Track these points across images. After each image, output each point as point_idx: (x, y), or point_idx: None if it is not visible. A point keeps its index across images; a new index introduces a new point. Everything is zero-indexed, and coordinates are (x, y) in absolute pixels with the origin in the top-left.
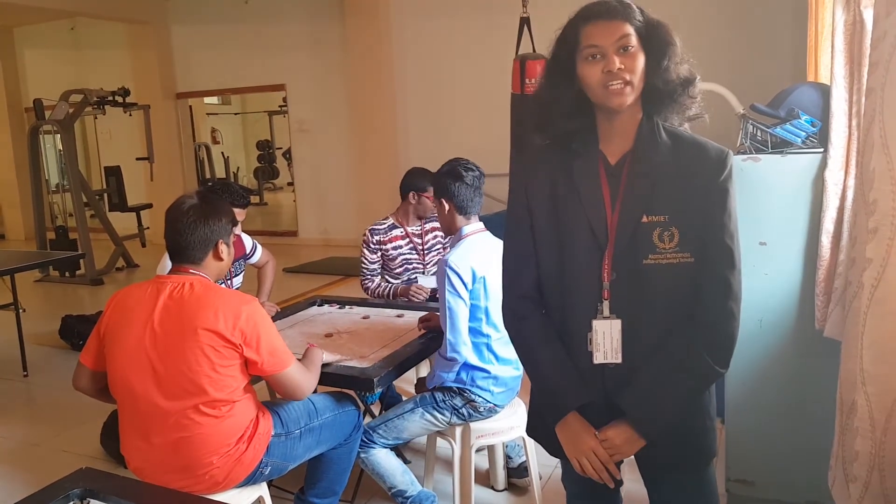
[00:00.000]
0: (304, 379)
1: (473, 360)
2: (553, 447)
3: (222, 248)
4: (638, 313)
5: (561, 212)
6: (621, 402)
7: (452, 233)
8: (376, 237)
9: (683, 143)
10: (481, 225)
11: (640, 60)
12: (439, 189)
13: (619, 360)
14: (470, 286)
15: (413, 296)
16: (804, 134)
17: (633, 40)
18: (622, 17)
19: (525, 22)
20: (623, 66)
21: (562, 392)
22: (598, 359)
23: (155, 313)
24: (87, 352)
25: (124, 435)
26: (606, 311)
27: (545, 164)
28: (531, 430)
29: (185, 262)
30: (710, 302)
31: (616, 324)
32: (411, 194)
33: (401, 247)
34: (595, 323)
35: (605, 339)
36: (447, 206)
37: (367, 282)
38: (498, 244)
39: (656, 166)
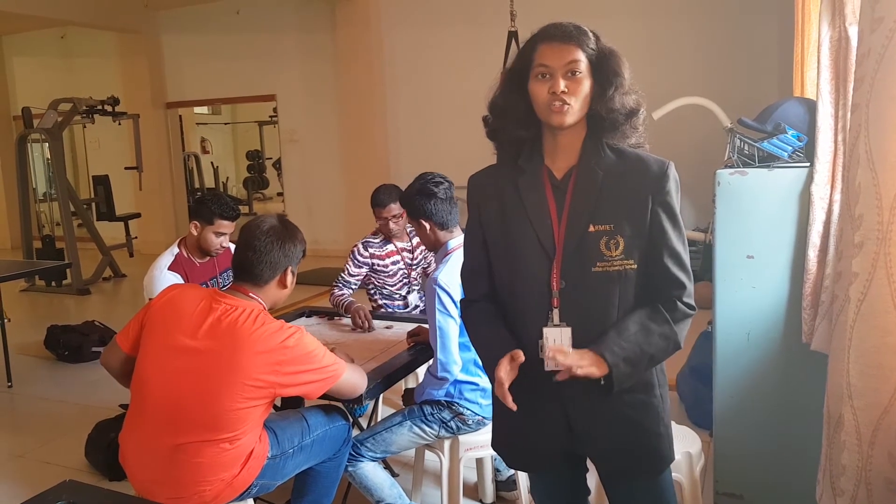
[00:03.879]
0: (354, 379)
1: (460, 374)
2: (512, 458)
3: (289, 276)
4: (587, 320)
5: (509, 225)
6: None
7: (437, 249)
8: (371, 250)
9: (626, 158)
10: None
11: (586, 86)
12: (415, 211)
13: None
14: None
15: (354, 315)
16: (791, 148)
17: (582, 66)
18: (575, 43)
19: (513, 36)
20: (567, 90)
21: (494, 350)
22: (550, 366)
23: (200, 331)
24: (126, 335)
25: (128, 426)
26: (556, 319)
27: (494, 181)
28: (495, 442)
29: (248, 280)
30: (666, 294)
31: (566, 331)
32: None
33: (398, 262)
34: (546, 330)
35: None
36: (427, 226)
37: (336, 289)
38: None
39: (601, 179)
